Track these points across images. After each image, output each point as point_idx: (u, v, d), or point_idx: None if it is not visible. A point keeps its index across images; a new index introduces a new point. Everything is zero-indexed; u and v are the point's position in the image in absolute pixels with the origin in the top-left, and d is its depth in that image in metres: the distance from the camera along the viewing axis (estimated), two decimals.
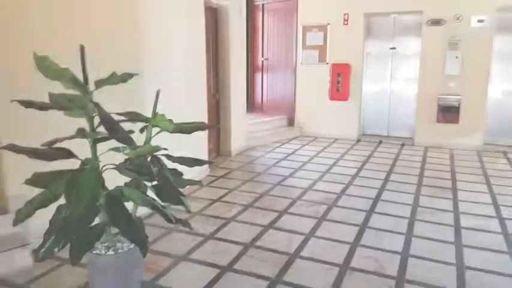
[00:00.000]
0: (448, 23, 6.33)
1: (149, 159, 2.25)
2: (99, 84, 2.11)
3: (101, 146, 2.11)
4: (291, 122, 7.59)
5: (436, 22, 6.41)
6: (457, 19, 6.28)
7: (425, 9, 6.44)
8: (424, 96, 6.62)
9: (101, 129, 2.05)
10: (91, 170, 2.01)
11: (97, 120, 2.05)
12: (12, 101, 1.91)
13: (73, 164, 2.01)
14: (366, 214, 3.70)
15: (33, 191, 1.90)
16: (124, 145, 2.18)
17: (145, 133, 2.31)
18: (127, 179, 2.18)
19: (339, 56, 7.09)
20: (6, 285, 2.50)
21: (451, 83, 6.43)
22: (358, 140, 7.10)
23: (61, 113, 1.97)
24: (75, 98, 2.01)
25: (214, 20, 5.42)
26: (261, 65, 8.10)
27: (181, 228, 3.05)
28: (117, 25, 3.38)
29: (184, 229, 2.78)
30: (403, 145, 6.74)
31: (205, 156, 4.91)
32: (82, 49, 2.06)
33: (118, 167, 2.10)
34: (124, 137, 2.19)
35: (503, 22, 6.17)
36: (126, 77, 2.22)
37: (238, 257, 2.87)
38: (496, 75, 6.34)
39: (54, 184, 1.96)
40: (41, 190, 1.94)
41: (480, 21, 6.15)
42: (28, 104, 1.91)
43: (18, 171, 2.25)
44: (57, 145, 1.98)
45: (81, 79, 2.04)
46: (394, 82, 7.05)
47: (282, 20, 7.65)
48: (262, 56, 8.06)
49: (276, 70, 7.90)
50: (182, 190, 2.31)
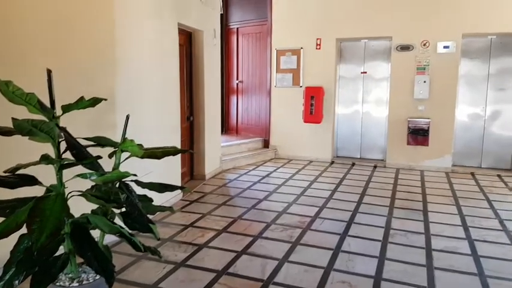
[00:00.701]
0: (416, 49, 6.59)
1: (117, 185, 2.19)
2: (66, 109, 2.06)
3: (68, 172, 2.05)
4: (266, 145, 7.62)
5: (405, 48, 6.65)
6: (424, 45, 6.54)
7: (394, 35, 6.69)
8: (395, 119, 6.80)
9: (68, 154, 1.99)
10: (56, 197, 1.93)
11: (64, 145, 1.99)
12: None
13: (38, 191, 1.94)
14: (340, 237, 3.70)
15: None
16: (91, 171, 2.12)
17: (114, 158, 2.26)
18: (94, 206, 2.11)
19: (313, 80, 7.23)
20: None
21: (420, 107, 6.64)
22: (332, 162, 7.18)
23: (26, 138, 1.91)
24: (40, 123, 1.94)
25: (188, 43, 5.44)
26: (236, 88, 8.16)
27: (151, 255, 2.95)
28: (89, 47, 3.34)
29: (154, 257, 2.69)
30: (376, 167, 6.86)
31: (178, 180, 4.84)
32: (49, 73, 2.01)
33: (84, 194, 2.03)
34: (91, 163, 2.14)
35: (467, 48, 6.48)
36: (95, 102, 2.18)
37: (209, 286, 2.79)
38: (463, 99, 6.60)
39: (16, 212, 1.88)
40: (2, 219, 1.85)
41: (446, 47, 6.43)
42: None
43: None
44: (21, 171, 1.91)
45: (48, 103, 1.99)
46: (366, 105, 7.23)
47: (257, 44, 7.78)
48: (237, 79, 8.13)
49: (251, 92, 7.97)
50: (153, 216, 2.26)
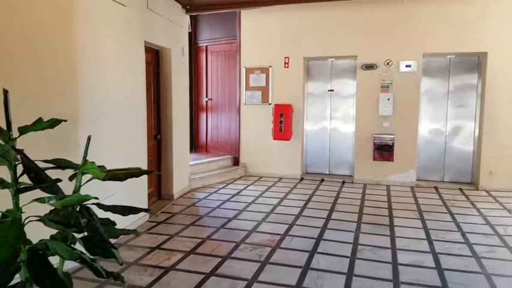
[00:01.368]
0: (380, 68, 6.82)
1: (78, 209, 2.11)
2: (23, 130, 1.99)
3: (25, 196, 1.96)
4: (236, 162, 7.60)
5: (369, 66, 6.88)
6: (388, 64, 6.79)
7: (359, 54, 6.91)
8: (361, 135, 6.97)
9: (26, 178, 1.92)
10: (11, 223, 1.84)
11: (21, 168, 1.91)
12: None
13: None
14: (309, 254, 3.71)
15: None
16: (50, 195, 2.04)
17: (75, 181, 2.19)
18: (53, 231, 2.02)
19: (281, 97, 7.33)
20: None
21: (385, 123, 6.85)
22: (301, 179, 7.25)
23: None
24: None
25: (156, 61, 5.41)
26: (206, 105, 8.15)
27: (114, 281, 2.84)
28: (49, 66, 3.26)
29: (117, 282, 2.59)
30: (344, 183, 6.97)
31: (144, 201, 4.74)
32: (5, 94, 1.95)
33: (42, 219, 1.95)
34: (50, 186, 2.06)
35: (428, 67, 6.78)
36: (54, 123, 2.12)
37: None
38: (425, 115, 6.86)
39: None
40: None
41: (408, 66, 6.70)
42: None
43: None
44: None
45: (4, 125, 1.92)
46: (334, 122, 7.38)
47: (226, 62, 7.83)
48: (206, 96, 8.13)
49: (220, 110, 7.98)
50: (117, 239, 2.19)
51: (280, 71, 7.32)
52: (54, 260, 1.95)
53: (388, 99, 6.77)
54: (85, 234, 2.12)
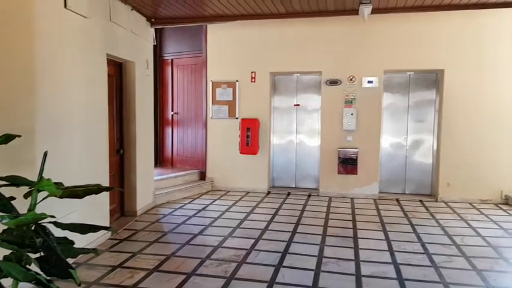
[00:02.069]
0: (344, 83, 7.02)
1: (33, 228, 2.02)
2: None
3: None
4: (203, 177, 7.53)
5: (333, 82, 7.06)
6: (351, 80, 7.00)
7: (323, 70, 7.09)
8: (326, 149, 7.10)
9: None
10: None
11: None
12: None
13: None
14: (275, 269, 3.71)
15: None
16: (3, 214, 1.95)
17: (30, 199, 2.09)
18: (6, 252, 1.92)
19: (248, 111, 7.37)
20: None
21: (349, 137, 7.02)
22: (268, 193, 7.27)
23: None
24: None
25: (119, 74, 5.33)
26: (171, 119, 8.07)
27: None
28: (4, 79, 3.13)
29: None
30: (310, 196, 7.06)
31: (106, 218, 4.59)
32: None
33: None
34: (3, 205, 1.97)
35: (389, 83, 7.04)
36: (7, 139, 2.04)
37: None
38: (387, 129, 7.10)
39: None
40: None
41: (370, 82, 6.93)
42: None
43: None
44: None
45: None
46: (300, 136, 7.49)
47: (192, 75, 7.81)
48: (172, 110, 8.05)
49: (187, 124, 7.92)
50: (76, 259, 2.10)
51: (247, 86, 7.38)
52: (7, 282, 1.85)
53: (352, 114, 6.96)
54: (41, 254, 2.03)
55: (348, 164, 6.88)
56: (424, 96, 7.00)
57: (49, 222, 2.08)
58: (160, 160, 8.10)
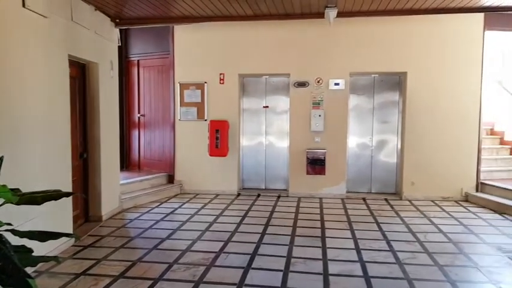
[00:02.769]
0: (311, 85, 7.11)
1: None
2: None
3: None
4: (171, 180, 7.41)
5: (301, 84, 7.14)
6: (318, 82, 7.09)
7: (291, 72, 7.16)
8: (295, 150, 7.17)
9: None
10: None
11: None
12: None
13: None
14: (243, 271, 3.69)
15: None
16: None
17: None
18: None
19: (217, 113, 7.33)
20: None
21: (317, 138, 7.12)
22: (238, 195, 7.25)
23: None
24: None
25: (82, 76, 5.17)
26: (138, 121, 7.90)
27: None
28: None
29: None
30: (279, 197, 7.10)
31: (69, 224, 4.44)
32: None
33: None
34: None
35: (355, 85, 7.19)
36: None
37: None
38: (353, 130, 7.25)
39: None
40: None
41: (337, 84, 7.05)
42: None
43: None
44: None
45: None
46: (269, 137, 7.53)
47: (159, 77, 7.69)
48: (138, 112, 7.89)
49: (154, 126, 7.78)
50: (35, 267, 2.01)
51: (215, 87, 7.34)
52: None
53: (320, 115, 7.06)
54: None
55: (316, 165, 6.97)
56: (388, 97, 7.20)
57: (6, 230, 1.99)
58: (126, 163, 7.92)
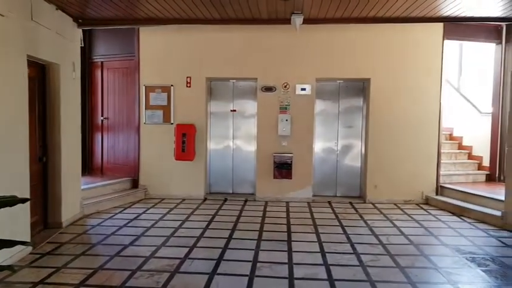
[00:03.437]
0: (278, 90, 7.17)
1: None
2: None
3: None
4: (135, 184, 7.24)
5: (269, 89, 7.18)
6: (285, 87, 7.17)
7: (259, 77, 7.19)
8: (262, 154, 7.20)
9: None
10: None
11: None
12: None
13: None
14: (208, 277, 3.65)
15: None
16: None
17: None
18: None
19: (184, 117, 7.25)
20: None
21: (284, 142, 7.18)
22: (204, 199, 7.18)
23: None
24: None
25: (42, 77, 4.97)
26: (101, 125, 7.67)
27: None
28: None
29: None
30: (246, 201, 7.09)
31: (26, 231, 4.23)
32: None
33: None
34: None
35: (321, 90, 7.32)
36: None
37: None
38: (319, 135, 7.37)
39: None
40: None
41: (303, 89, 7.15)
42: None
43: None
44: None
45: None
46: (237, 141, 7.52)
47: (124, 79, 7.50)
48: (102, 115, 7.66)
49: (118, 130, 7.58)
50: None
51: (182, 90, 7.26)
52: None
53: (287, 119, 7.13)
54: None
55: (283, 169, 7.02)
56: (353, 103, 7.38)
57: None
58: (89, 168, 7.67)
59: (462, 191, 6.67)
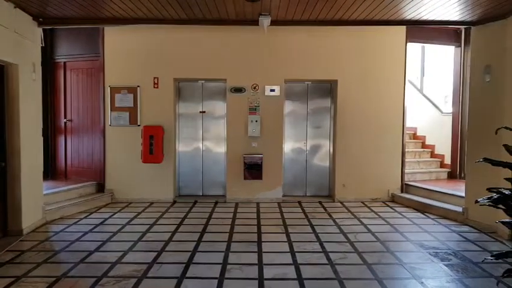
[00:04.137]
0: (248, 91, 7.17)
1: None
2: None
3: None
4: (101, 189, 7.04)
5: (238, 90, 7.17)
6: (254, 88, 7.17)
7: (228, 77, 7.16)
8: (232, 155, 7.17)
9: None
10: None
11: None
12: None
13: None
14: (177, 281, 3.59)
15: None
16: None
17: None
18: None
19: (151, 118, 7.12)
20: None
21: (254, 143, 7.18)
22: (174, 202, 7.08)
23: None
24: None
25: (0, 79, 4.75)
26: (64, 127, 7.41)
27: None
28: None
29: None
30: (217, 203, 7.04)
31: None
32: None
33: None
34: None
35: (290, 91, 7.38)
36: None
37: None
38: (289, 135, 7.44)
39: None
40: None
41: (272, 90, 7.18)
42: None
43: None
44: None
45: None
46: (206, 142, 7.46)
47: (88, 80, 7.28)
48: (65, 117, 7.40)
49: (82, 132, 7.34)
50: None
51: (149, 91, 7.12)
52: None
53: (256, 120, 7.14)
54: None
55: (253, 170, 7.03)
56: (321, 104, 7.49)
57: None
58: (52, 172, 7.39)
59: (426, 188, 6.91)
